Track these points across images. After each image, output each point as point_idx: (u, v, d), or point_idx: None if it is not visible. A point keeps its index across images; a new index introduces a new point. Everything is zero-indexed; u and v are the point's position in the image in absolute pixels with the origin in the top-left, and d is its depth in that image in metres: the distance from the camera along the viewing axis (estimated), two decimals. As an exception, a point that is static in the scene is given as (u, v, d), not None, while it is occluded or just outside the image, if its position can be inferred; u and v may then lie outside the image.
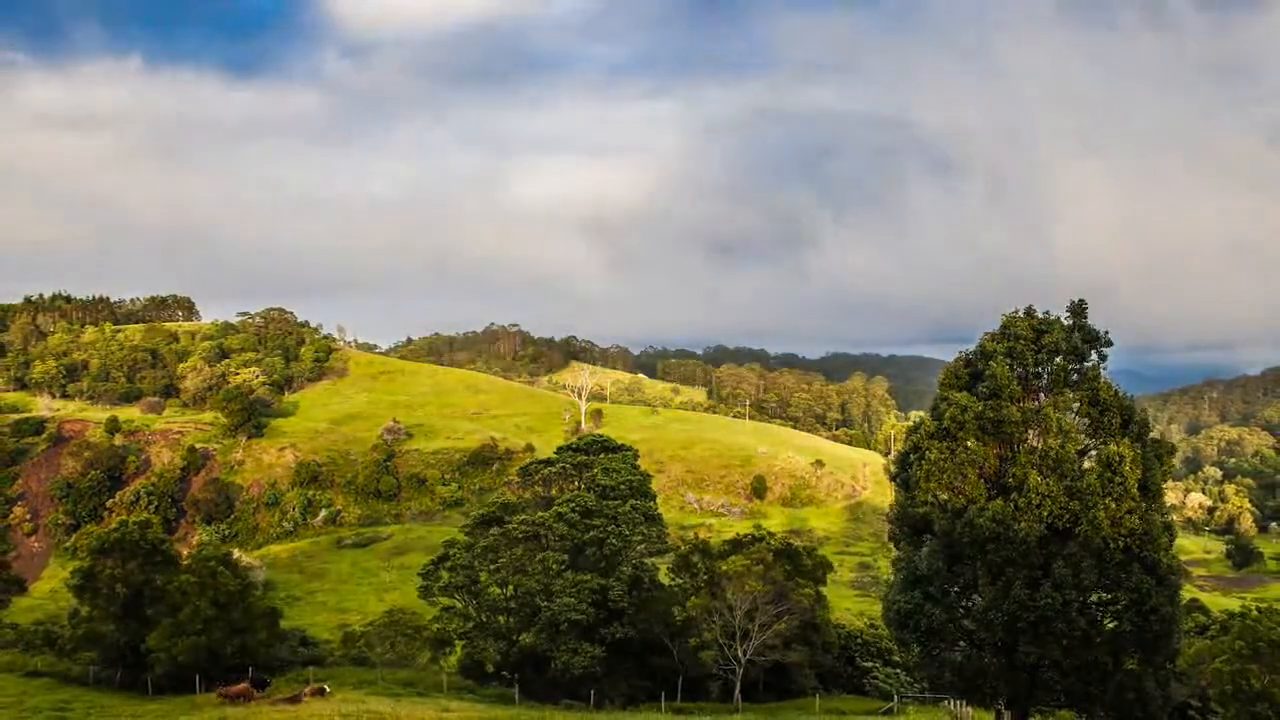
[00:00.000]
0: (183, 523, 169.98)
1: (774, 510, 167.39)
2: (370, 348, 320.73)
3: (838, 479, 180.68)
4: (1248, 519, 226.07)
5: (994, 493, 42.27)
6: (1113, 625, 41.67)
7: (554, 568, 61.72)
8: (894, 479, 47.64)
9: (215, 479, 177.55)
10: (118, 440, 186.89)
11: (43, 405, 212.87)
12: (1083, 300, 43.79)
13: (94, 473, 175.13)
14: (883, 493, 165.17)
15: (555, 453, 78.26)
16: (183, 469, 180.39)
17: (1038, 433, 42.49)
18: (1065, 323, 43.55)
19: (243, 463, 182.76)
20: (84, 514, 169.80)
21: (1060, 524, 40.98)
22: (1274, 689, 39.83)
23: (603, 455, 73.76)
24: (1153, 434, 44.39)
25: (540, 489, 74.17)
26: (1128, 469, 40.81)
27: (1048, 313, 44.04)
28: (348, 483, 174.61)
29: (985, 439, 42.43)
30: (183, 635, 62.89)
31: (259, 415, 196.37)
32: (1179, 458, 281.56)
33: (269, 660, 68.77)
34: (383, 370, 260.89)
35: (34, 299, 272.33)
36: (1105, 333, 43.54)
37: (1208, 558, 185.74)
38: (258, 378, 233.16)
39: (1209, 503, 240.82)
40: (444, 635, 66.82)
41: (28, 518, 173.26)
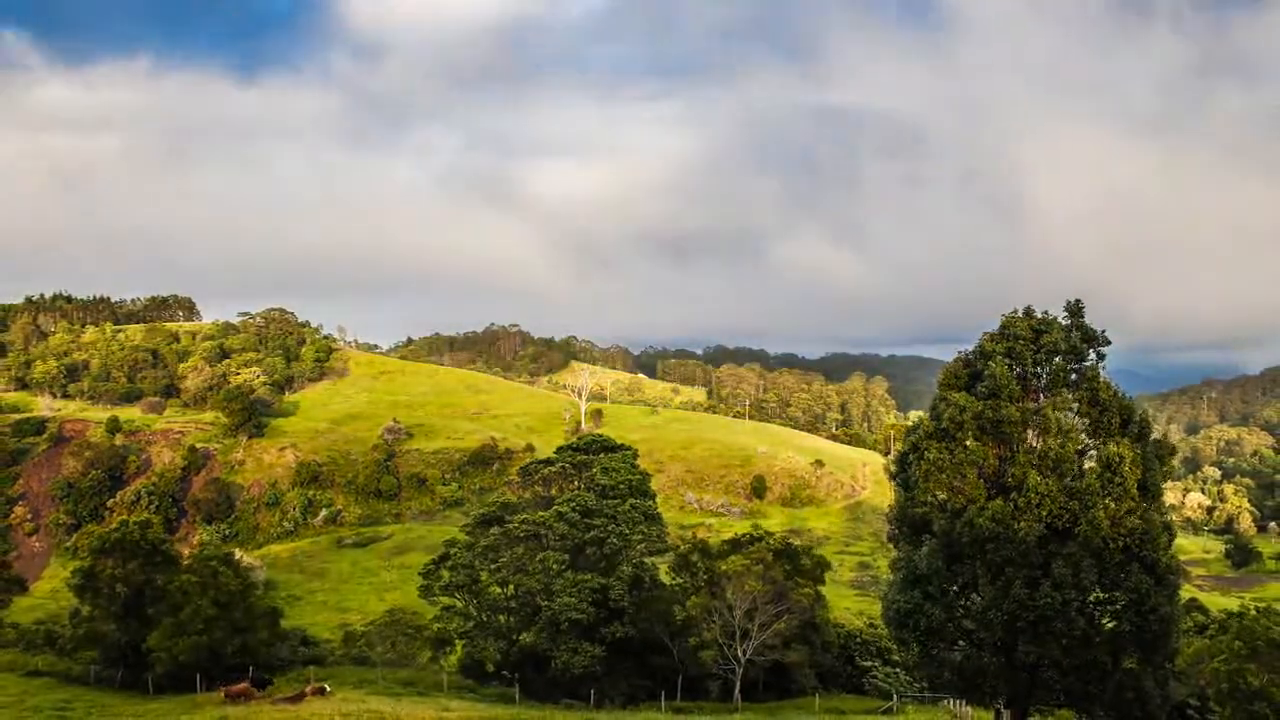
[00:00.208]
0: (183, 523, 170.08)
1: (773, 510, 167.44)
2: (371, 348, 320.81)
3: (837, 479, 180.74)
4: (1246, 519, 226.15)
5: (993, 492, 42.33)
6: (1112, 625, 41.74)
7: (554, 567, 61.82)
8: (893, 479, 47.71)
9: (216, 479, 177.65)
10: (118, 440, 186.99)
11: (44, 405, 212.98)
12: (1080, 300, 43.87)
13: (95, 473, 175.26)
14: (882, 492, 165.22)
15: (555, 452, 78.41)
16: (183, 469, 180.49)
17: (1037, 432, 42.53)
18: (1063, 323, 43.63)
19: (243, 463, 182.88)
20: (85, 514, 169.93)
21: (1060, 524, 41.04)
22: (1271, 688, 39.91)
23: (602, 455, 73.90)
24: (1152, 434, 44.44)
25: (540, 489, 74.32)
26: (1127, 469, 40.87)
27: (1046, 313, 44.10)
28: (348, 482, 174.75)
29: (984, 439, 42.47)
30: (184, 635, 63.01)
31: (260, 415, 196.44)
32: (1178, 458, 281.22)
33: (270, 660, 68.91)
34: (383, 370, 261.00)
35: (35, 299, 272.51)
36: (1103, 332, 43.60)
37: (1207, 557, 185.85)
38: (258, 378, 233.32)
39: (1208, 502, 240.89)
40: (444, 635, 66.94)
41: (29, 517, 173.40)
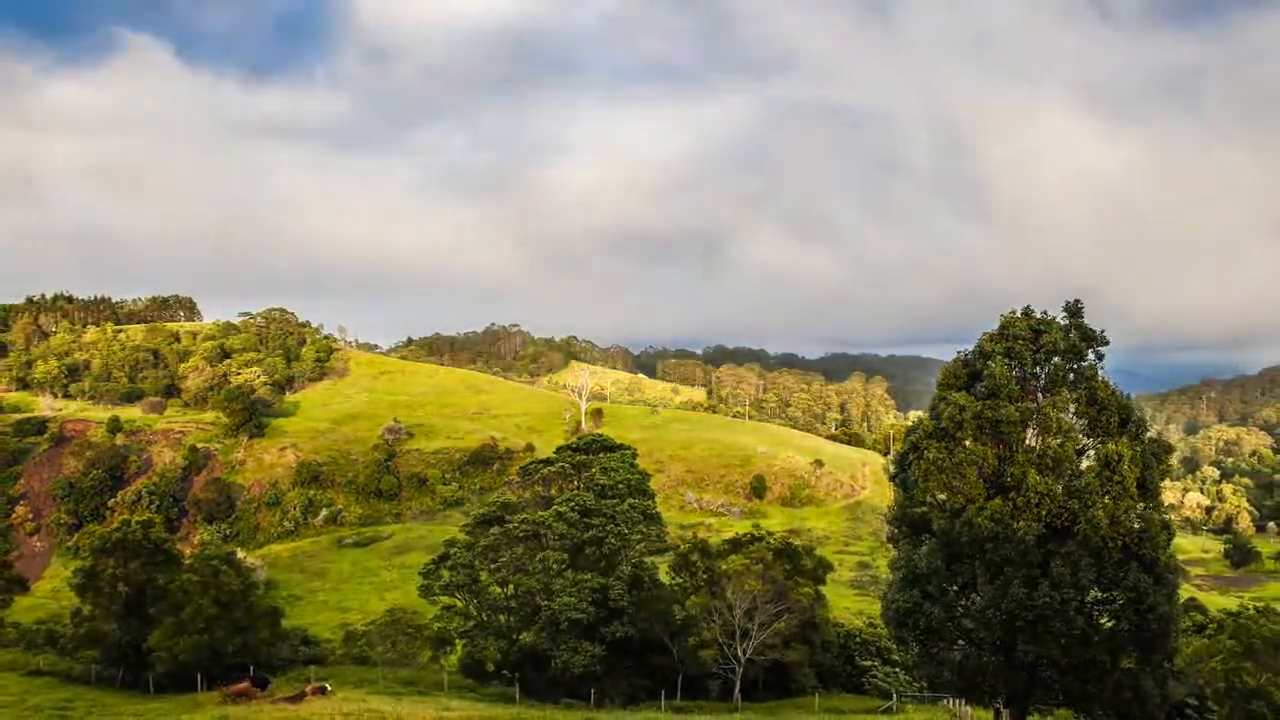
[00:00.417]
0: (184, 522, 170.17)
1: (773, 510, 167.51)
2: (371, 348, 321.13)
3: (837, 479, 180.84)
4: (1245, 518, 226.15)
5: (992, 492, 42.45)
6: (1111, 624, 41.86)
7: (554, 567, 61.93)
8: (893, 479, 47.86)
9: (217, 479, 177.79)
10: (119, 440, 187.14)
11: (45, 405, 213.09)
12: (1079, 300, 44.04)
13: (96, 472, 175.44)
14: (882, 492, 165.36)
15: (555, 452, 78.58)
16: (184, 469, 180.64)
17: (1036, 432, 42.66)
18: (1062, 323, 43.76)
19: (244, 462, 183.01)
20: (86, 513, 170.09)
21: (1058, 523, 41.17)
22: (1269, 687, 40.05)
23: (602, 455, 74.06)
24: (1150, 434, 44.56)
25: (540, 488, 74.51)
26: (1126, 468, 40.99)
27: (1045, 313, 44.24)
28: (349, 482, 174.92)
29: (983, 438, 42.60)
30: (184, 634, 63.16)
31: (260, 415, 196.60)
32: (1177, 457, 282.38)
33: (270, 659, 69.04)
34: (383, 370, 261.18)
35: (36, 299, 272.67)
36: (1102, 332, 43.76)
37: (1205, 557, 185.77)
38: (259, 378, 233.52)
39: (1207, 502, 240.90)
40: (445, 634, 67.07)
41: (30, 517, 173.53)
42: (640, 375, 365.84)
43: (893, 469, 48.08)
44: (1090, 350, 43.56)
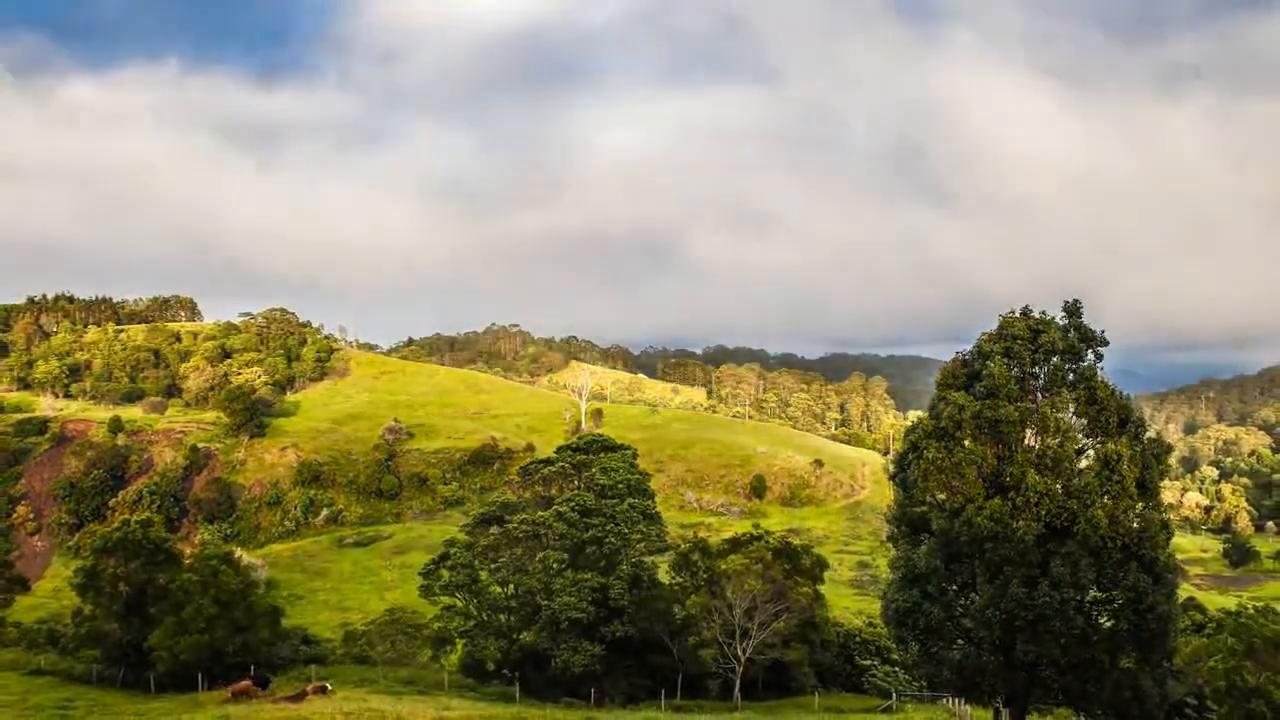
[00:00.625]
0: (185, 522, 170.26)
1: (773, 509, 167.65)
2: (371, 348, 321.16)
3: (836, 478, 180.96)
4: (1244, 518, 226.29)
5: (992, 492, 42.54)
6: (1110, 623, 41.95)
7: (554, 566, 62.03)
8: (892, 478, 47.96)
9: (217, 478, 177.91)
10: (120, 440, 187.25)
11: (46, 405, 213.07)
12: (1078, 300, 44.13)
13: (97, 472, 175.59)
14: (881, 492, 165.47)
15: (555, 452, 78.71)
16: (185, 468, 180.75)
17: (1035, 432, 42.75)
18: (1061, 323, 43.86)
19: (245, 462, 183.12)
20: (87, 513, 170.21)
21: (1058, 523, 41.26)
22: (1268, 686, 40.14)
23: (602, 455, 74.17)
24: (1149, 433, 44.64)
25: (540, 488, 74.64)
26: (1125, 468, 41.08)
27: (1043, 313, 44.34)
28: (349, 482, 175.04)
29: (982, 438, 42.69)
30: (185, 634, 63.25)
31: (261, 415, 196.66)
32: (1176, 457, 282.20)
33: (271, 658, 69.10)
34: (384, 370, 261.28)
35: (37, 299, 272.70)
36: (1101, 332, 43.85)
37: (1204, 556, 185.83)
38: (260, 378, 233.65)
39: (1206, 502, 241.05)
40: (445, 634, 67.17)
41: (31, 517, 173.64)
42: (640, 375, 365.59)
43: (892, 469, 48.19)
44: (1089, 350, 43.67)
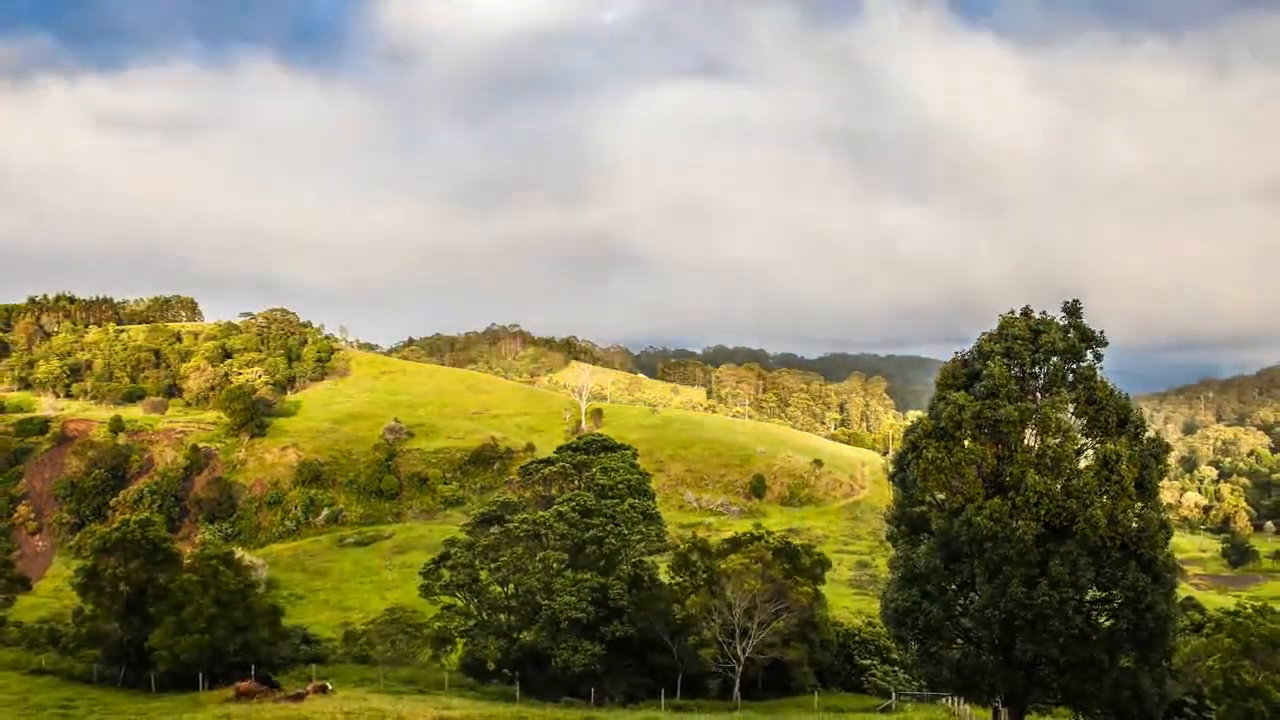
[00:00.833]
0: (185, 522, 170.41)
1: (773, 509, 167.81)
2: (372, 348, 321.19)
3: (836, 478, 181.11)
4: (1243, 518, 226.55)
5: (991, 491, 42.61)
6: (1109, 623, 42.04)
7: (554, 566, 62.14)
8: (892, 478, 48.02)
9: (218, 478, 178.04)
10: (121, 440, 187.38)
11: (46, 405, 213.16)
12: (1077, 300, 44.21)
13: (97, 472, 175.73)
14: (881, 492, 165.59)
15: (555, 452, 78.82)
16: (185, 468, 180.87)
17: (1035, 432, 42.81)
18: (1061, 323, 43.93)
19: (245, 462, 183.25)
20: (88, 513, 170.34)
21: (1057, 522, 41.32)
22: (1267, 685, 40.24)
23: (602, 455, 74.31)
24: (1149, 433, 44.71)
25: (540, 488, 74.75)
26: (1124, 467, 41.14)
27: (1043, 313, 44.42)
28: (349, 482, 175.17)
29: (982, 438, 42.76)
30: (185, 633, 63.33)
31: (261, 415, 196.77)
32: (1175, 457, 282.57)
33: (271, 658, 69.19)
34: (384, 370, 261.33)
35: (38, 299, 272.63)
36: (1101, 332, 43.93)
37: (1203, 556, 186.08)
38: (260, 378, 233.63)
39: (1205, 502, 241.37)
40: (445, 633, 67.25)
41: (32, 516, 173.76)
42: (640, 375, 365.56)
43: (892, 468, 48.25)
44: (1089, 350, 43.73)
